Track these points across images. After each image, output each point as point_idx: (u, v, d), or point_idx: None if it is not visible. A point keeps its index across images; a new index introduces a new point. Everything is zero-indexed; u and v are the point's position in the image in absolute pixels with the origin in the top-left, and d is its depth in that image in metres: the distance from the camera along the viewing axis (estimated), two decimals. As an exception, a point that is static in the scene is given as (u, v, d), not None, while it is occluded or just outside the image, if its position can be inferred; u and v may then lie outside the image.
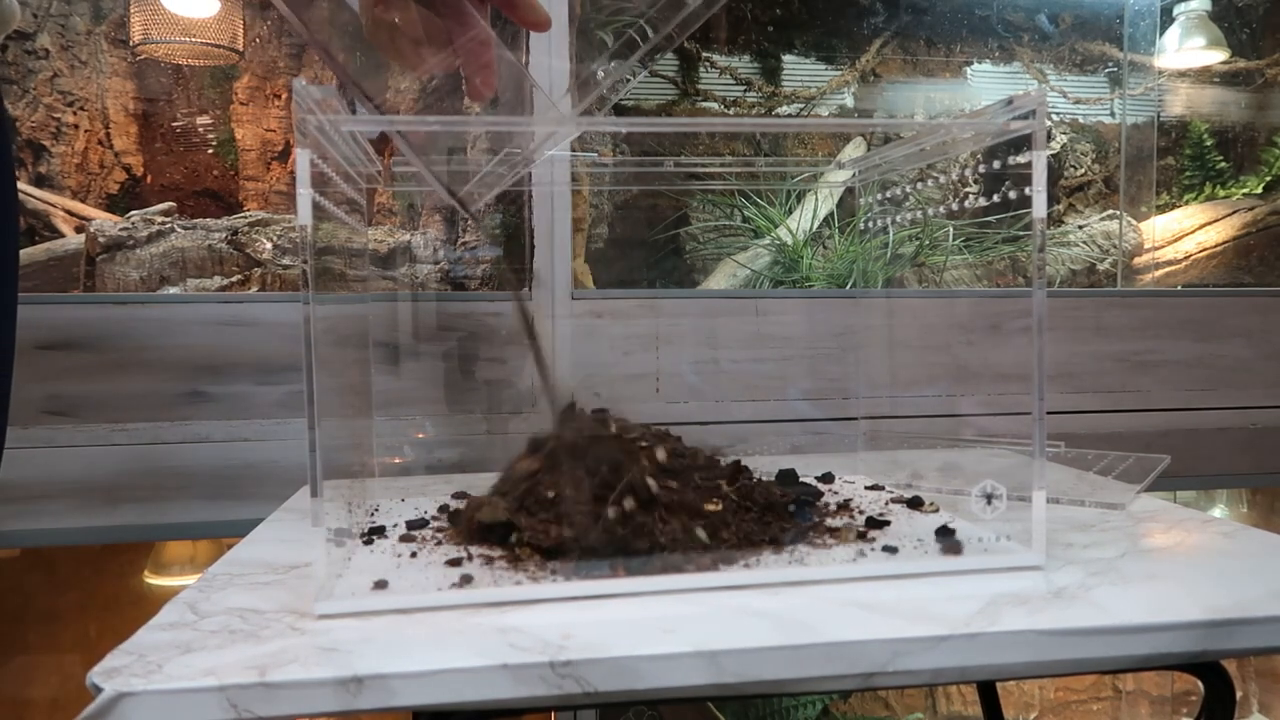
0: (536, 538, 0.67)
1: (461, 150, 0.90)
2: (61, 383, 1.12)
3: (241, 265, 1.34)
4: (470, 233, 1.39)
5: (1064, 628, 0.56)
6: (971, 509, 0.71)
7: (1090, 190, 1.90)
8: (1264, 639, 0.57)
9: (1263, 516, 1.89)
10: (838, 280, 1.53)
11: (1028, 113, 0.66)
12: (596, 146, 1.47)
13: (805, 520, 0.74)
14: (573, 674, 0.51)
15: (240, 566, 0.70)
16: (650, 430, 0.75)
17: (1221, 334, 1.42)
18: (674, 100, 1.73)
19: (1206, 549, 0.73)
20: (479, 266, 1.37)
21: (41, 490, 1.11)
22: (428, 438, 1.19)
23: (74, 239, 1.40)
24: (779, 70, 1.79)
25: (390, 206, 1.47)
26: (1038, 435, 0.66)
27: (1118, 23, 1.88)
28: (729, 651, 0.53)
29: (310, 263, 0.58)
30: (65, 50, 1.49)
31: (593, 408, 0.76)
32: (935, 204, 1.18)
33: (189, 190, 1.54)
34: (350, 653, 0.53)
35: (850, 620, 0.57)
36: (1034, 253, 0.65)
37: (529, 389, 1.22)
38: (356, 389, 0.86)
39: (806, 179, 1.54)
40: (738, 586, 0.64)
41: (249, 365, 1.16)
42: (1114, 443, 1.36)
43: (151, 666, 0.51)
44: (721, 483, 0.72)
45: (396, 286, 1.35)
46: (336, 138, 0.68)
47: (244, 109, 1.56)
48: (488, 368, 1.21)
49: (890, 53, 1.82)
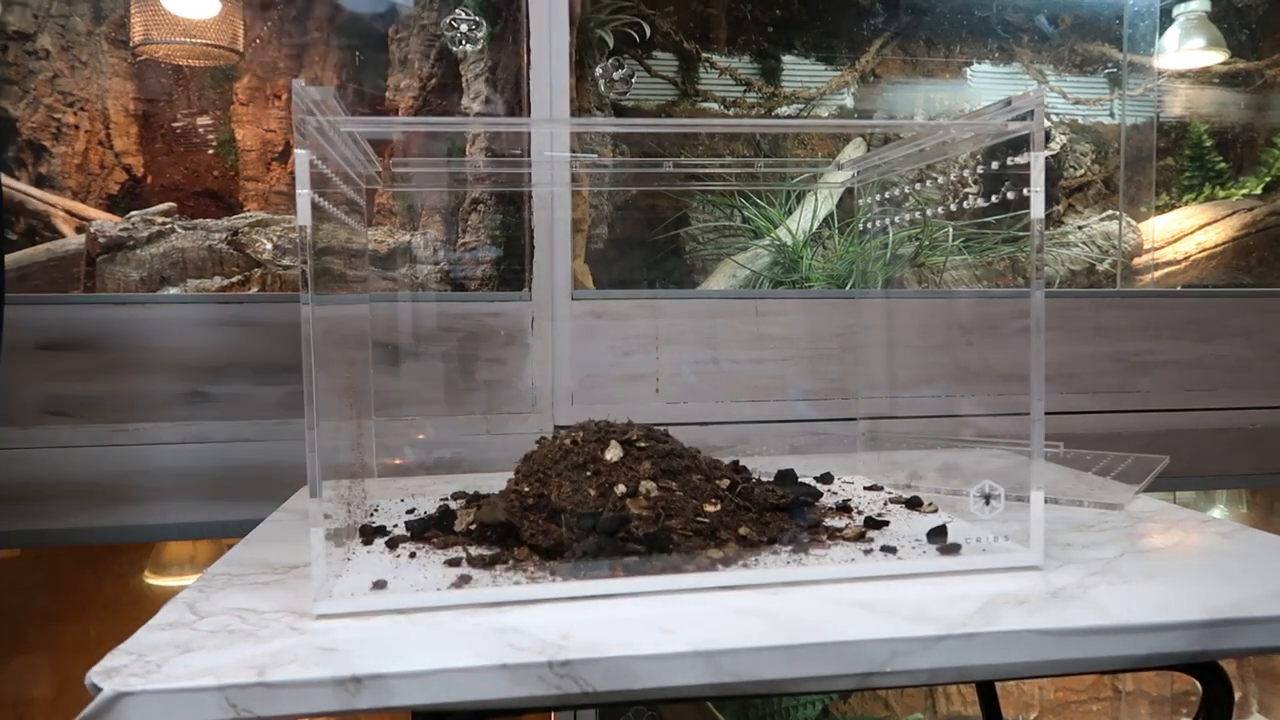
0: (536, 538, 0.67)
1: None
2: (61, 383, 1.12)
3: (241, 265, 1.34)
4: (470, 233, 1.39)
5: (1062, 628, 0.56)
6: (970, 509, 0.71)
7: (1090, 191, 1.90)
8: (1263, 639, 0.57)
9: (1262, 516, 1.89)
10: (837, 281, 1.53)
11: (1026, 113, 0.66)
12: (596, 147, 1.47)
13: (804, 520, 0.74)
14: (571, 674, 0.52)
15: (240, 566, 0.70)
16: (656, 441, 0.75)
17: (1221, 334, 1.42)
18: (674, 101, 1.73)
19: (1205, 549, 0.73)
20: (479, 267, 1.37)
21: (42, 491, 1.11)
22: (427, 438, 1.19)
23: (74, 239, 1.40)
24: (779, 71, 1.79)
25: (390, 206, 1.47)
26: (1036, 436, 0.66)
27: (1117, 23, 1.88)
28: (728, 651, 0.53)
29: (310, 263, 0.58)
30: (66, 51, 1.49)
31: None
32: (934, 204, 1.18)
33: (189, 190, 1.54)
34: (349, 653, 0.53)
35: (849, 620, 0.57)
36: (1033, 253, 0.65)
37: (529, 389, 1.22)
38: (356, 389, 0.86)
39: (806, 179, 1.54)
40: (736, 586, 0.64)
41: (249, 365, 1.16)
42: (1113, 443, 1.36)
43: (151, 666, 0.51)
44: (721, 483, 0.72)
45: (396, 286, 1.35)
46: (336, 138, 0.69)
47: (244, 109, 1.56)
48: (488, 368, 1.21)
49: (890, 53, 1.82)
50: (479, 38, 0.69)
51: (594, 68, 1.44)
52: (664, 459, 0.71)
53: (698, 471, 0.73)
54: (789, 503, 0.75)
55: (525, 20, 1.22)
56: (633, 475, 0.69)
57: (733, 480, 0.73)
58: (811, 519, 0.76)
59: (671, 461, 0.71)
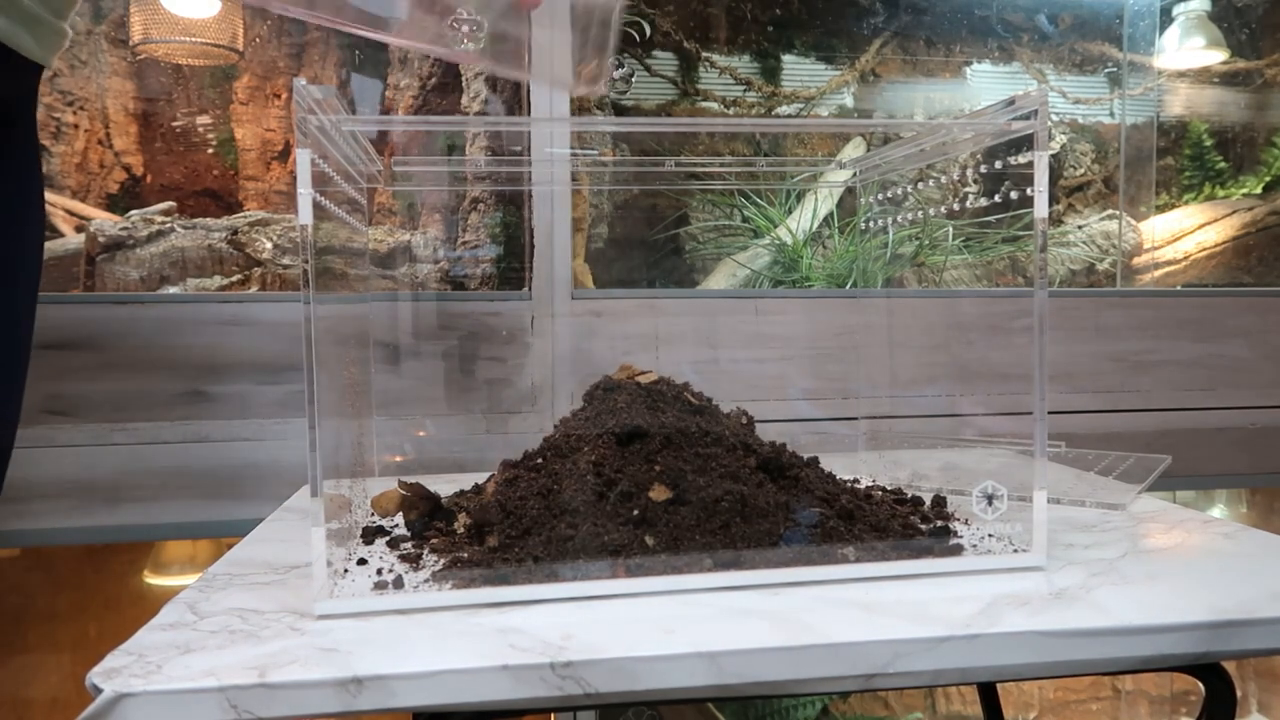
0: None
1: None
2: (61, 383, 1.12)
3: (241, 265, 1.34)
4: (470, 232, 1.39)
5: (1065, 629, 0.56)
6: (972, 509, 0.71)
7: (1090, 190, 1.90)
8: (1266, 640, 0.57)
9: (1262, 516, 1.89)
10: (838, 280, 1.52)
11: (1029, 113, 0.66)
12: (596, 146, 1.47)
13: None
14: (572, 675, 0.51)
15: (240, 566, 0.70)
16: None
17: (1221, 334, 1.42)
18: (674, 100, 1.73)
19: (1207, 550, 0.73)
20: (479, 266, 1.37)
21: (42, 490, 1.11)
22: (428, 437, 1.19)
23: (74, 239, 1.39)
24: (779, 70, 1.79)
25: (390, 206, 1.47)
26: (1039, 435, 0.66)
27: (1117, 23, 1.87)
28: (729, 652, 0.53)
29: (310, 263, 0.58)
30: (65, 50, 1.49)
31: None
32: (935, 204, 1.18)
33: (189, 190, 1.54)
34: (350, 653, 0.53)
35: (850, 621, 0.57)
36: (1035, 253, 0.65)
37: (529, 388, 1.22)
38: (356, 389, 0.86)
39: (806, 179, 1.54)
40: (737, 587, 0.64)
41: (249, 365, 1.16)
42: (1114, 443, 1.36)
43: (151, 667, 0.51)
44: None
45: (396, 286, 1.35)
46: (337, 137, 0.68)
47: (244, 109, 1.56)
48: (488, 367, 1.21)
49: (890, 53, 1.82)
50: (479, 37, 0.69)
51: (594, 67, 1.43)
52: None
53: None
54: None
55: (526, 20, 1.22)
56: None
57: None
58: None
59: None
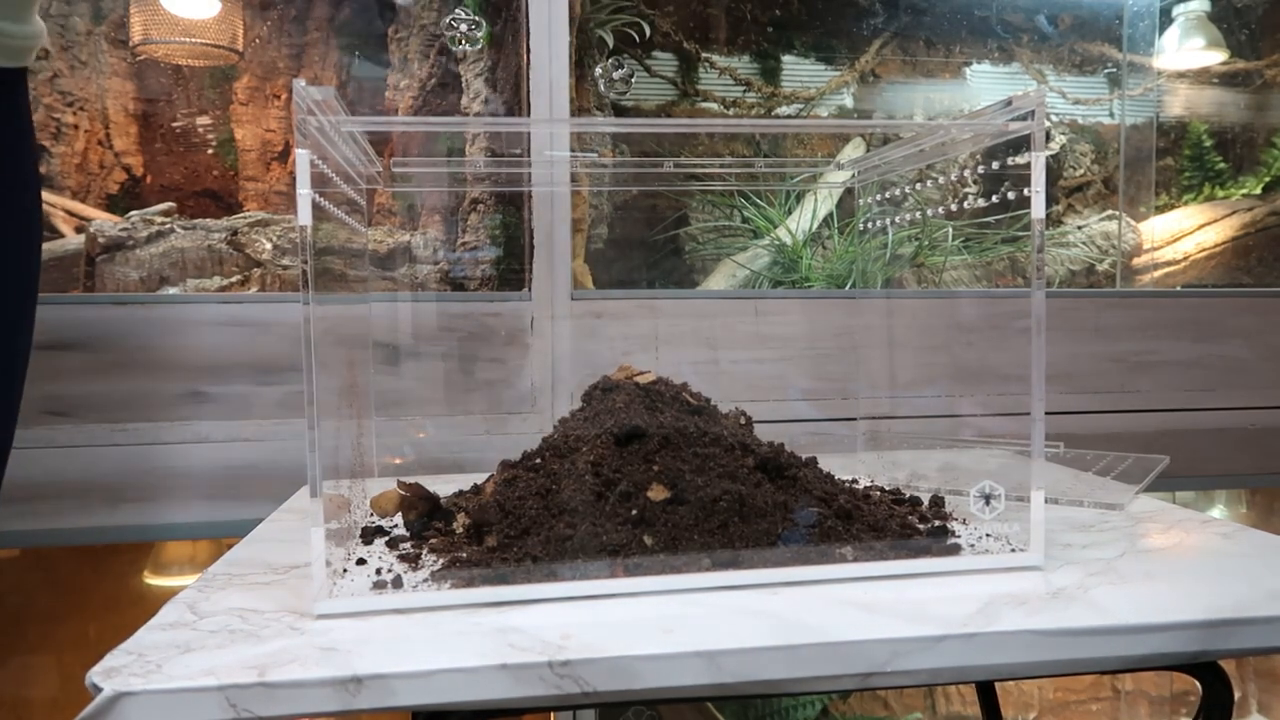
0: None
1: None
2: (61, 383, 1.12)
3: (241, 265, 1.34)
4: (470, 232, 1.39)
5: (1062, 628, 0.56)
6: (970, 509, 0.71)
7: (1089, 191, 1.90)
8: (1263, 639, 0.57)
9: (1262, 517, 1.89)
10: (837, 280, 1.53)
11: (1027, 113, 0.66)
12: (596, 147, 1.47)
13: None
14: (572, 674, 0.52)
15: (240, 566, 0.70)
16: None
17: (1220, 334, 1.42)
18: (674, 101, 1.73)
19: (1205, 549, 0.73)
20: (479, 266, 1.37)
21: (42, 490, 1.11)
22: (427, 438, 1.19)
23: (74, 239, 1.39)
24: (778, 71, 1.79)
25: (390, 206, 1.47)
26: (1037, 436, 0.66)
27: (1117, 23, 1.88)
28: (728, 651, 0.53)
29: (310, 263, 0.58)
30: (65, 50, 1.49)
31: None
32: (934, 204, 1.18)
33: (189, 190, 1.54)
34: (349, 653, 0.53)
35: (849, 620, 0.57)
36: (1033, 253, 0.65)
37: (529, 389, 1.22)
38: (356, 389, 0.86)
39: (806, 179, 1.54)
40: (736, 586, 0.64)
41: (249, 365, 1.16)
42: (1112, 443, 1.36)
43: (151, 666, 0.51)
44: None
45: (396, 286, 1.35)
46: (336, 138, 0.69)
47: (244, 109, 1.56)
48: (487, 367, 1.21)
49: (889, 53, 1.82)
50: (479, 37, 0.69)
51: (594, 67, 1.44)
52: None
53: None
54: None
55: (525, 20, 1.22)
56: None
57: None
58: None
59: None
